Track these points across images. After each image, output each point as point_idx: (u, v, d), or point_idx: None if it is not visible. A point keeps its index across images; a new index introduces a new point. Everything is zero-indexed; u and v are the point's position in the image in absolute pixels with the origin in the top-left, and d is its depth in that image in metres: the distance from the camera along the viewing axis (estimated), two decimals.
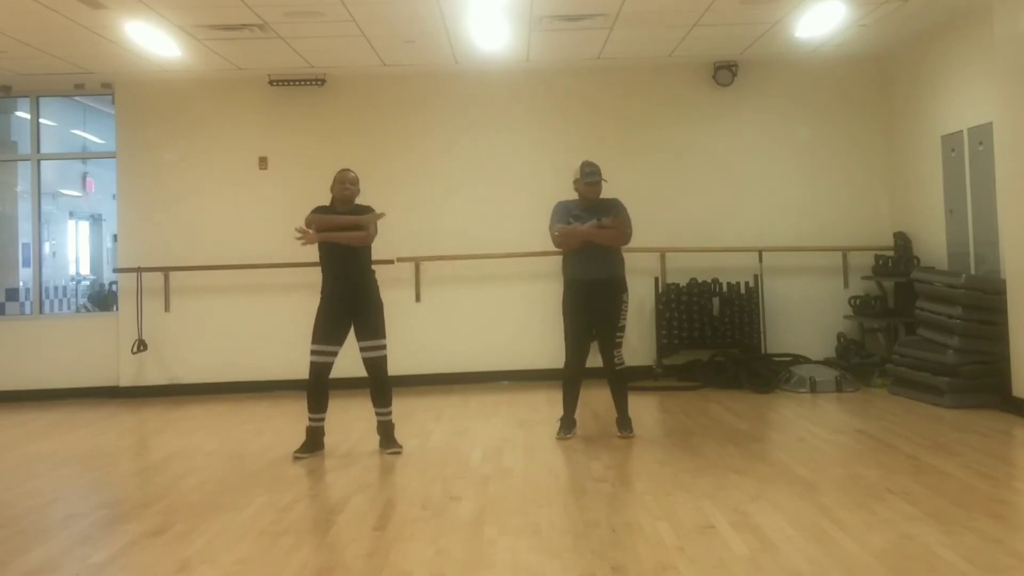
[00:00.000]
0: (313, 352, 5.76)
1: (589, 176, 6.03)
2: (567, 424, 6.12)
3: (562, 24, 7.50)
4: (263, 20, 7.11)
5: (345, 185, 5.79)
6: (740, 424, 6.56)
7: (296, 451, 5.80)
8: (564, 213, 6.06)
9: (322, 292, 5.84)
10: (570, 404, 6.15)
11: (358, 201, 5.89)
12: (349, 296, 5.75)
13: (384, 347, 5.81)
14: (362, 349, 5.79)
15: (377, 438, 5.97)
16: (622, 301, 6.02)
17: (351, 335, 5.82)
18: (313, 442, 5.84)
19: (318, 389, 5.80)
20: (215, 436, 6.77)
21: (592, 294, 5.96)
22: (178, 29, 7.29)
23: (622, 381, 6.15)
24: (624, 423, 6.11)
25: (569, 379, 6.13)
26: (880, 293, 8.71)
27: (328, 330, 5.75)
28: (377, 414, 5.91)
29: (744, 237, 8.86)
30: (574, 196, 6.16)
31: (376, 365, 5.81)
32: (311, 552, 3.90)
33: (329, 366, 5.79)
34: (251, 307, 8.93)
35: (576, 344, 6.05)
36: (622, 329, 6.06)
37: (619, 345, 6.05)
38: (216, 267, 8.82)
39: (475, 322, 8.93)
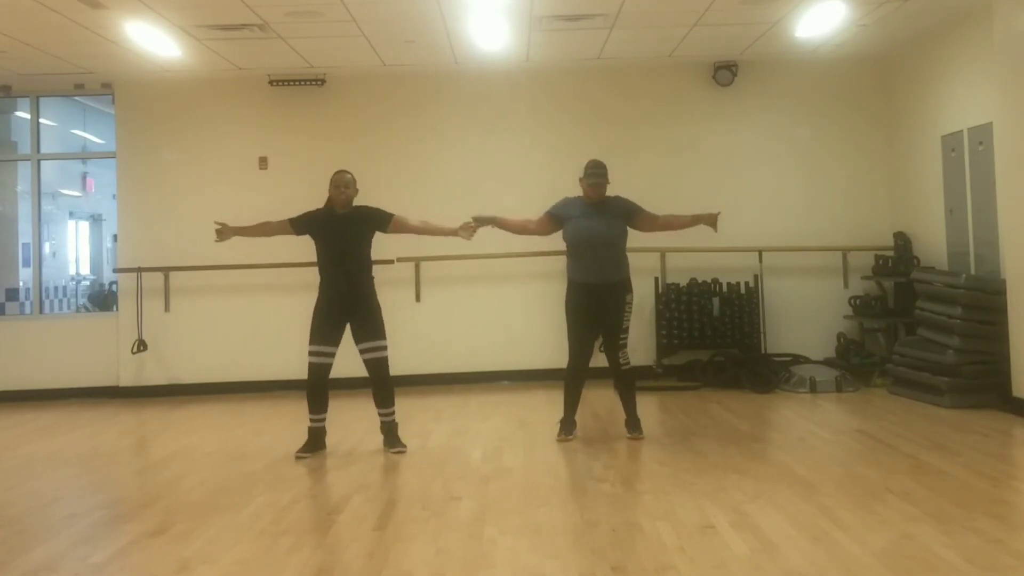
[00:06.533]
0: (311, 353, 5.76)
1: (592, 176, 6.00)
2: (567, 425, 6.09)
3: (562, 24, 7.50)
4: (263, 20, 7.11)
5: (340, 188, 5.79)
6: (740, 424, 6.56)
7: (298, 451, 5.81)
8: (562, 207, 6.08)
9: (319, 292, 5.84)
10: (571, 405, 6.11)
11: (359, 202, 5.89)
12: (346, 298, 5.74)
13: (384, 348, 5.81)
14: (362, 351, 5.79)
15: (379, 438, 5.98)
16: (626, 302, 6.00)
17: (349, 336, 5.82)
18: (315, 442, 5.85)
19: (318, 389, 5.80)
20: (215, 436, 6.77)
21: (596, 296, 5.94)
22: (178, 29, 7.29)
23: (629, 382, 6.13)
24: (633, 424, 6.08)
25: (572, 379, 6.10)
26: (880, 293, 8.71)
27: (325, 331, 5.75)
28: (380, 415, 5.92)
29: (744, 237, 8.84)
30: (578, 193, 6.15)
31: (377, 366, 5.81)
32: (311, 552, 3.90)
33: (328, 367, 5.79)
34: (251, 307, 8.93)
35: (579, 344, 6.03)
36: (626, 330, 6.03)
37: (624, 346, 6.03)
38: (216, 267, 8.81)
39: (475, 322, 8.93)
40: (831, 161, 9.05)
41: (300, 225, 5.88)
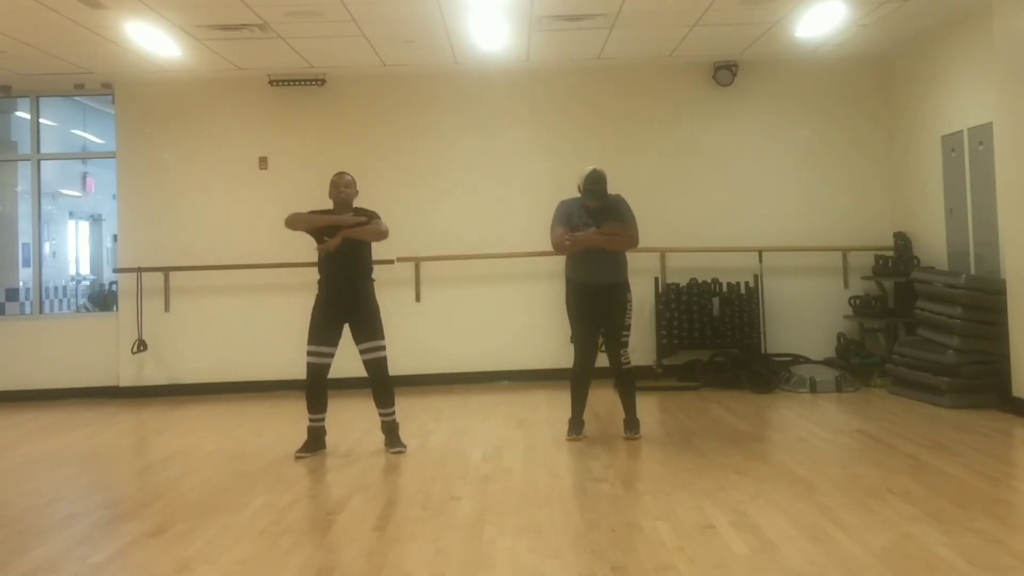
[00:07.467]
0: (309, 353, 5.76)
1: (591, 195, 5.90)
2: (575, 425, 6.09)
3: (562, 24, 7.50)
4: (263, 20, 7.11)
5: (340, 188, 5.79)
6: (740, 424, 6.56)
7: (298, 451, 5.81)
8: (565, 215, 5.97)
9: (318, 292, 5.85)
10: (578, 404, 6.11)
11: (357, 203, 5.89)
12: (344, 299, 5.75)
13: (383, 348, 5.82)
14: (361, 351, 5.79)
15: (378, 438, 5.98)
16: (626, 301, 6.00)
17: (348, 337, 5.82)
18: (315, 441, 5.85)
19: (316, 389, 5.81)
20: (215, 436, 6.77)
21: (595, 297, 5.94)
22: (178, 29, 7.29)
23: (630, 381, 6.12)
24: (631, 424, 6.08)
25: (576, 380, 6.11)
26: (880, 293, 8.71)
27: (324, 331, 5.75)
28: (381, 415, 5.92)
29: (744, 237, 8.86)
30: (576, 195, 6.12)
31: (377, 366, 5.81)
32: (311, 552, 3.90)
33: (326, 367, 5.79)
34: (251, 307, 8.93)
35: (583, 344, 6.03)
36: (628, 328, 6.03)
37: (625, 345, 6.03)
38: (216, 267, 8.82)
39: (475, 322, 8.93)
40: (831, 161, 9.05)
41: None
